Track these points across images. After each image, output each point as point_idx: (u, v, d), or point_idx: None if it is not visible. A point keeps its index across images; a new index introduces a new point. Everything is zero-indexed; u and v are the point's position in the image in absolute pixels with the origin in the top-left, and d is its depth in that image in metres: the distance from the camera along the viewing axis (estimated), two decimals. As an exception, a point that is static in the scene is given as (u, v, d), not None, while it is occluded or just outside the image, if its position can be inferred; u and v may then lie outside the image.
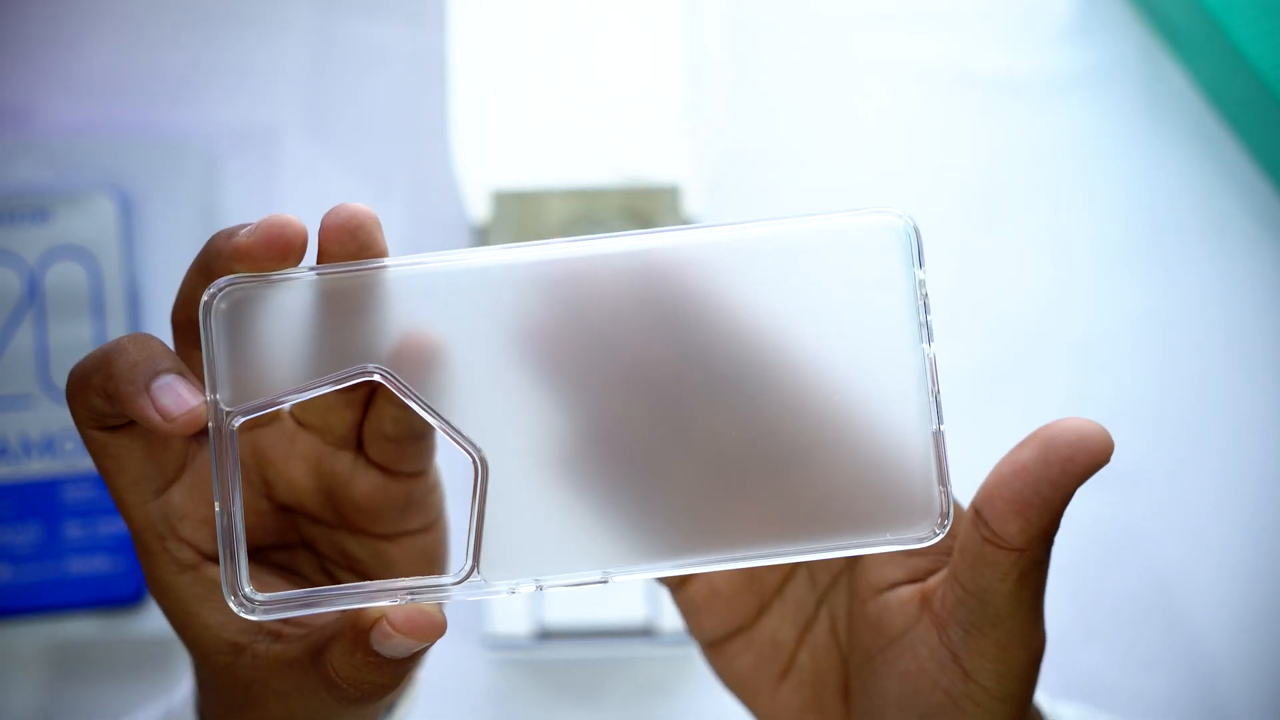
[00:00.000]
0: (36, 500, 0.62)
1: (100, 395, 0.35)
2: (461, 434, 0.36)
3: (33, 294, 0.63)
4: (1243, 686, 0.64)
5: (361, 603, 0.35)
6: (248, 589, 0.35)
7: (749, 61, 0.69)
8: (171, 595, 0.38)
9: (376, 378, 0.36)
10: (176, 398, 0.35)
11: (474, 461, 0.36)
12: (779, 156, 0.69)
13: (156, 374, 0.35)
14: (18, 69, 0.68)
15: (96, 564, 0.62)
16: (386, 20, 0.69)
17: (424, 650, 0.36)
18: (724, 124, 0.65)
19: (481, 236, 0.65)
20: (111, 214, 0.64)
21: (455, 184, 0.63)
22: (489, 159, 0.60)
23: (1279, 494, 0.66)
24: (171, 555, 0.37)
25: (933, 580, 0.39)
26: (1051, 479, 0.36)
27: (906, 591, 0.40)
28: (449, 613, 0.64)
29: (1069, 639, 0.64)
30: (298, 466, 0.40)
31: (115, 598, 0.62)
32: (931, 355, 0.36)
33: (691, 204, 0.63)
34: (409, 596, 0.35)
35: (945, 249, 0.68)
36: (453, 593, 0.35)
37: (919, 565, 0.40)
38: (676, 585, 0.42)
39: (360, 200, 0.68)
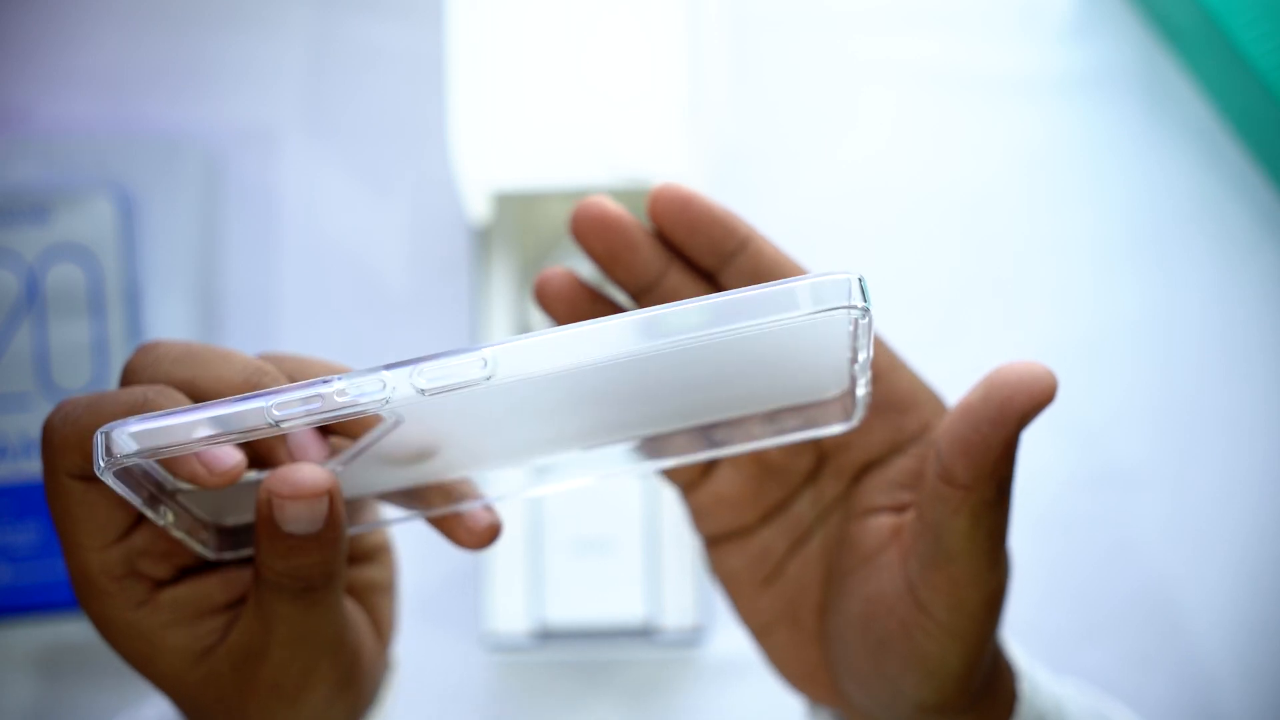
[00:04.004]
0: (36, 500, 0.62)
1: None
2: None
3: (32, 294, 0.63)
4: (1241, 688, 0.64)
5: (232, 407, 0.33)
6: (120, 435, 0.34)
7: (749, 61, 0.69)
8: (132, 630, 0.38)
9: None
10: (222, 451, 0.35)
11: None
12: (779, 156, 0.69)
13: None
14: (18, 68, 0.68)
15: (96, 564, 0.62)
16: (386, 20, 0.69)
17: (336, 518, 0.36)
18: (724, 124, 0.65)
19: (482, 237, 0.65)
20: (111, 214, 0.64)
21: (455, 184, 0.63)
22: (489, 159, 0.60)
23: (1279, 495, 0.66)
24: (128, 593, 0.38)
25: (908, 514, 0.41)
26: (992, 418, 0.37)
27: (886, 519, 0.41)
28: (451, 610, 0.64)
29: (1068, 639, 0.64)
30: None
31: (115, 598, 0.62)
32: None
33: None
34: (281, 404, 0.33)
35: (944, 248, 0.68)
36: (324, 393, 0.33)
37: (903, 497, 0.42)
38: (687, 486, 0.44)
39: (360, 200, 0.68)
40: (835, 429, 0.40)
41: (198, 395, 0.36)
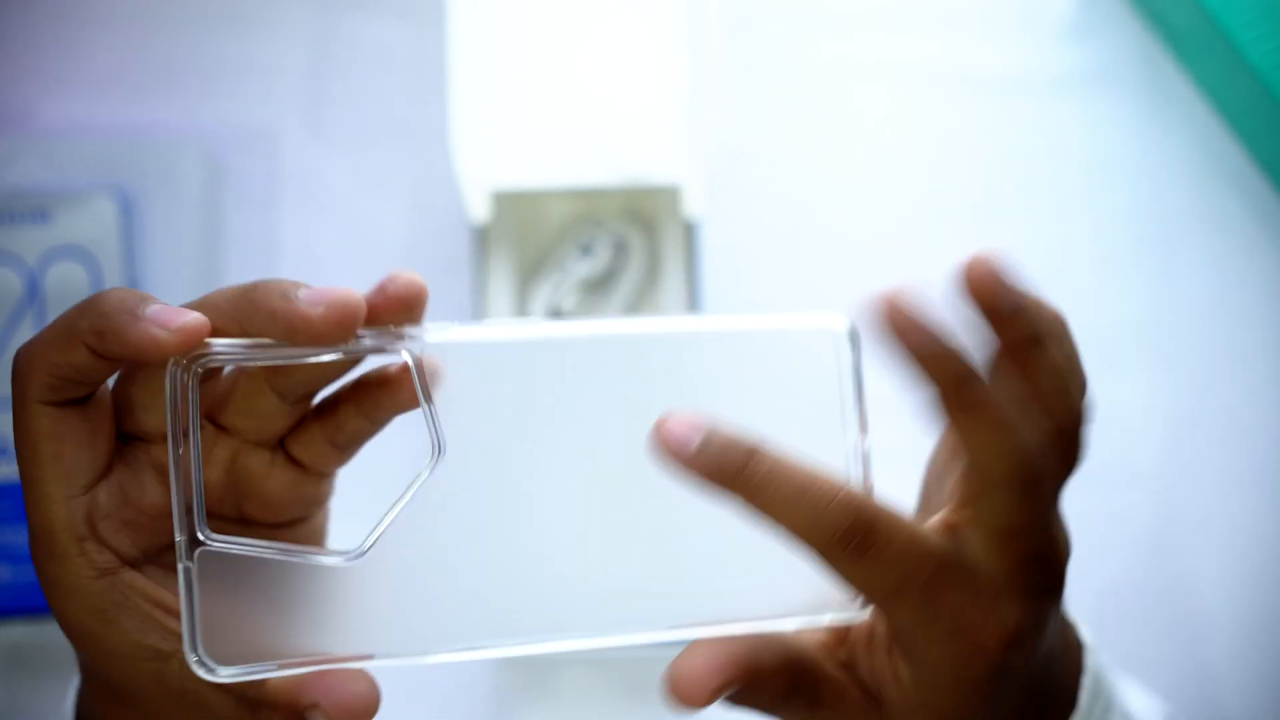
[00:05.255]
0: (36, 500, 0.62)
1: (91, 337, 0.35)
2: None
3: (33, 294, 0.63)
4: (1244, 686, 0.64)
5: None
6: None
7: (749, 61, 0.69)
8: (85, 603, 0.37)
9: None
10: (174, 312, 0.35)
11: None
12: (779, 156, 0.69)
13: (147, 302, 0.36)
14: (18, 69, 0.68)
15: (96, 564, 0.62)
16: (386, 20, 0.69)
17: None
18: (724, 124, 0.65)
19: (481, 236, 0.65)
20: (111, 214, 0.64)
21: (455, 184, 0.63)
22: (489, 159, 0.60)
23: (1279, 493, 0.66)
24: (90, 559, 0.36)
25: None
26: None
27: None
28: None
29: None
30: (214, 470, 0.40)
31: (115, 598, 0.62)
32: (866, 449, 0.38)
33: (691, 204, 0.63)
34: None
35: (944, 248, 0.68)
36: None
37: None
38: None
39: (360, 200, 0.68)
40: (844, 616, 0.38)
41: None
